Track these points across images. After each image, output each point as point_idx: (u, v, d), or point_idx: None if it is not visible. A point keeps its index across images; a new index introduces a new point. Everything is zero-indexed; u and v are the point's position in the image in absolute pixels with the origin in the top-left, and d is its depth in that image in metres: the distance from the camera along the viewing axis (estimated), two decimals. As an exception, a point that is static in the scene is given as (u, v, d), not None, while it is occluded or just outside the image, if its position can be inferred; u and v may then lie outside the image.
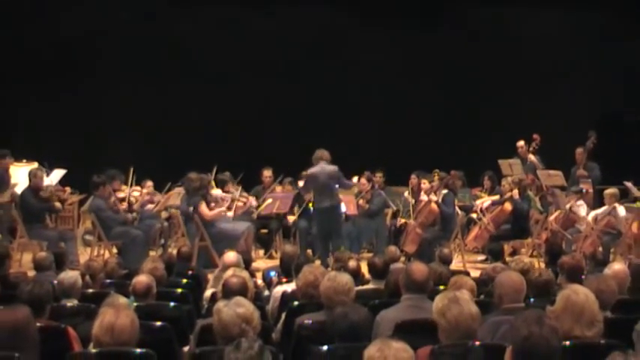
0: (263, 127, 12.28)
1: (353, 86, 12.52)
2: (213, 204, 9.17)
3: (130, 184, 9.90)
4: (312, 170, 8.86)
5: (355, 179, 9.97)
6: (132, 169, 9.83)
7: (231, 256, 6.10)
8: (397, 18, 12.76)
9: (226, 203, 9.45)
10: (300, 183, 9.87)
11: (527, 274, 4.88)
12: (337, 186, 8.94)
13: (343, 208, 9.31)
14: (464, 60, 12.76)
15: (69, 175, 10.00)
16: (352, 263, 5.90)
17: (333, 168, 8.84)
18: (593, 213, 9.46)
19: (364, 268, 6.27)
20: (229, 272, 5.11)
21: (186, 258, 7.21)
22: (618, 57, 12.62)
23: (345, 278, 4.50)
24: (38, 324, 3.71)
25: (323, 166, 8.80)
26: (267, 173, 10.44)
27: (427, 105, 12.65)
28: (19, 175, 9.58)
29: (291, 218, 10.01)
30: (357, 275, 5.69)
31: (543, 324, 2.96)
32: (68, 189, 10.02)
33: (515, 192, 9.43)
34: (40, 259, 6.09)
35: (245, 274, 5.10)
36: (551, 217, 9.80)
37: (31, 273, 6.22)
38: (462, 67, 12.76)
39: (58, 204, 9.30)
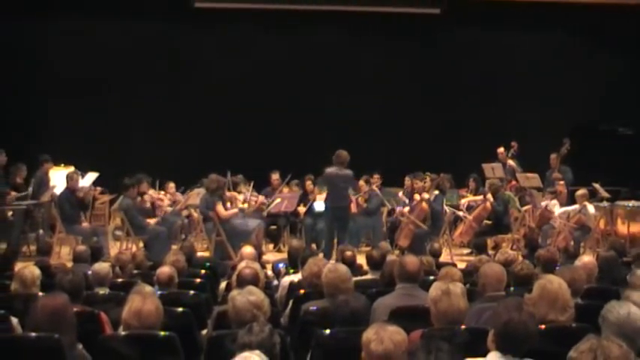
0: (271, 134, 12.28)
1: (353, 98, 12.51)
2: (228, 204, 9.19)
3: (156, 187, 9.97)
4: (329, 170, 8.87)
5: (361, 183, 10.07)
6: (157, 181, 9.93)
7: (248, 249, 6.12)
8: (393, 38, 12.76)
9: (239, 202, 9.46)
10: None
11: (511, 265, 4.89)
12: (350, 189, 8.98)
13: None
14: (453, 76, 12.76)
15: (101, 177, 10.04)
16: (348, 254, 5.87)
17: (347, 173, 8.84)
18: (563, 209, 9.49)
19: (363, 261, 6.27)
20: (242, 264, 5.13)
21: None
22: (590, 73, 12.62)
23: (344, 268, 4.51)
24: (75, 309, 3.71)
25: (340, 169, 8.80)
26: (275, 176, 10.45)
27: (420, 115, 12.64)
28: (57, 177, 9.60)
29: (302, 210, 9.98)
30: (352, 264, 5.67)
31: (522, 310, 2.97)
32: (99, 189, 10.06)
33: (489, 195, 9.47)
34: (80, 251, 6.11)
35: (257, 265, 5.11)
36: (524, 208, 9.82)
37: (69, 264, 6.23)
38: (450, 82, 12.75)
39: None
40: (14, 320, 3.93)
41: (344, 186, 8.84)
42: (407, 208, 9.72)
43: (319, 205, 9.64)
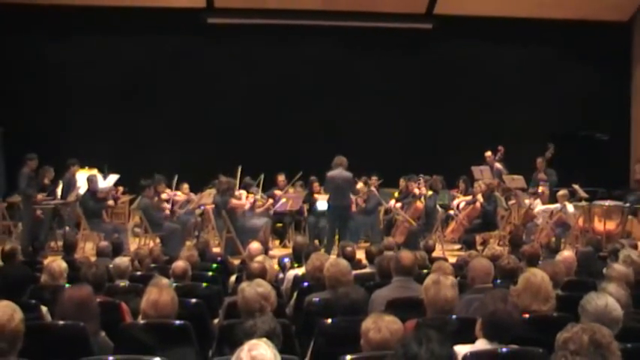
0: (277, 138, 12.28)
1: (353, 105, 12.52)
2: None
3: (173, 187, 9.98)
4: (331, 174, 8.87)
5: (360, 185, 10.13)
6: (176, 176, 9.97)
7: (255, 246, 6.12)
8: (390, 50, 12.76)
9: (248, 202, 9.47)
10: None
11: (498, 260, 4.88)
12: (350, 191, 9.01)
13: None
14: (445, 84, 12.74)
15: (122, 178, 10.07)
16: (348, 249, 5.88)
17: (348, 175, 8.84)
18: (543, 207, 9.50)
19: (362, 256, 6.26)
20: (260, 258, 5.16)
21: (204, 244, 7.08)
22: (570, 84, 12.64)
23: (345, 263, 4.50)
24: (98, 299, 3.72)
25: (341, 171, 8.80)
26: (281, 177, 10.45)
27: (415, 121, 12.64)
28: (83, 179, 9.63)
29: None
30: (352, 259, 5.68)
31: (507, 301, 2.97)
32: (121, 188, 10.07)
33: (480, 196, 9.47)
34: (102, 247, 6.12)
35: (269, 261, 5.11)
36: (511, 203, 9.80)
37: (93, 258, 6.25)
38: (443, 90, 12.74)
39: (111, 202, 9.41)
40: (44, 309, 3.94)
41: (346, 187, 8.85)
42: (399, 204, 9.78)
43: (322, 205, 9.64)
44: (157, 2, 12.06)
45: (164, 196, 9.62)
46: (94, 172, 9.79)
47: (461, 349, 2.88)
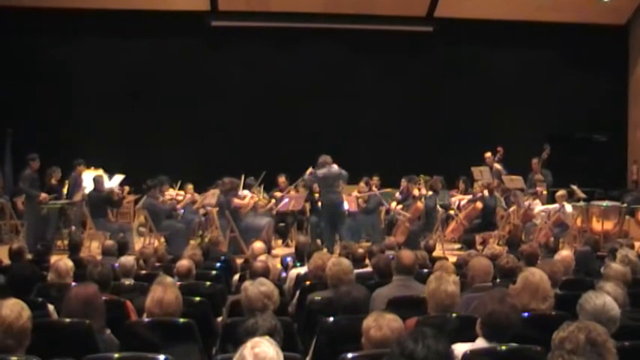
0: (279, 140, 12.29)
1: (355, 107, 12.53)
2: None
3: (177, 188, 9.99)
4: (322, 172, 8.85)
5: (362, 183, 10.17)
6: (180, 182, 9.98)
7: (258, 245, 6.12)
8: (391, 53, 12.75)
9: (252, 202, 9.48)
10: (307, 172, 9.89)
11: (497, 259, 4.88)
12: (341, 183, 8.99)
13: (346, 205, 9.32)
14: (445, 86, 12.75)
15: (127, 178, 10.08)
16: (360, 251, 5.87)
17: (337, 171, 8.86)
18: (542, 207, 9.50)
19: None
20: (263, 257, 5.15)
21: (214, 243, 7.21)
22: (568, 86, 12.65)
23: (347, 262, 4.50)
24: (104, 297, 3.73)
25: (329, 169, 8.81)
26: (282, 179, 10.45)
27: (415, 123, 12.65)
28: (89, 179, 9.64)
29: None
30: (362, 260, 5.67)
31: (505, 302, 2.97)
32: (127, 188, 10.10)
33: (486, 192, 9.46)
34: (108, 246, 6.12)
35: (272, 260, 5.11)
36: (512, 209, 9.85)
37: (98, 257, 6.25)
38: (443, 92, 12.74)
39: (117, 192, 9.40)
40: (51, 307, 3.95)
41: (335, 183, 8.87)
42: (399, 206, 9.76)
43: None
44: (162, 5, 12.08)
45: (167, 196, 9.62)
46: (100, 172, 9.80)
47: (461, 348, 2.88)
